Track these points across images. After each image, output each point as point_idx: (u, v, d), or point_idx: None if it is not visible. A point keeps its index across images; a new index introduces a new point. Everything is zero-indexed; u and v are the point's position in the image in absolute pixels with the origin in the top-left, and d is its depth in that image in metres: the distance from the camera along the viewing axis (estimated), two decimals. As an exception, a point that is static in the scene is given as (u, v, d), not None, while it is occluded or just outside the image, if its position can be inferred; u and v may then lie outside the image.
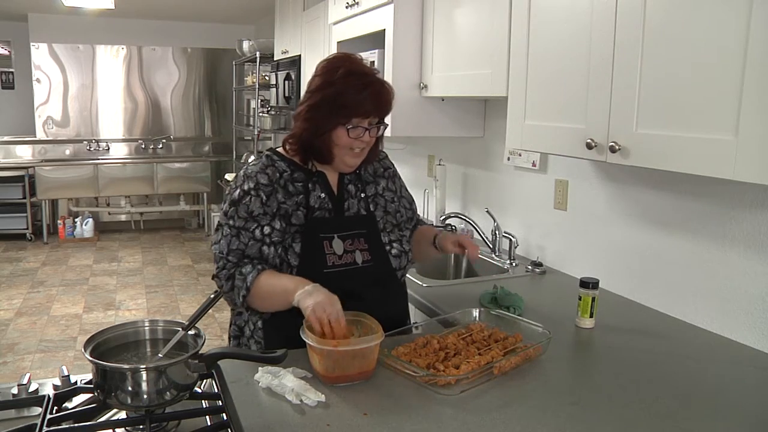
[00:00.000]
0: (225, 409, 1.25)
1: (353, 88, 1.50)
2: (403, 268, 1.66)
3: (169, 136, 7.45)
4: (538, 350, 1.50)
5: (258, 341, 1.61)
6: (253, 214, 1.52)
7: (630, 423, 1.23)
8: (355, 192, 1.65)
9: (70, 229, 6.76)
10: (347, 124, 1.51)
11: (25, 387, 1.34)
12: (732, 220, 1.70)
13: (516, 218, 2.63)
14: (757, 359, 1.58)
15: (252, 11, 6.33)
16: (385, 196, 1.70)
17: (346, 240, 1.58)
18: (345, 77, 1.50)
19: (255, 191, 1.53)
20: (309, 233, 1.54)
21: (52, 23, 6.73)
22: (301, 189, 1.57)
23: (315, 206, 1.57)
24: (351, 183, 1.65)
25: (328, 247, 1.55)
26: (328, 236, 1.56)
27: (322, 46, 4.01)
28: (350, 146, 1.54)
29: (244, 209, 1.52)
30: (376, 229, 1.63)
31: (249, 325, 1.63)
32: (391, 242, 1.64)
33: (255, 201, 1.52)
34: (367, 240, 1.60)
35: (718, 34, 1.28)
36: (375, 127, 1.56)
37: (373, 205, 1.66)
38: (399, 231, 1.69)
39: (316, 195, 1.58)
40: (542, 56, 1.82)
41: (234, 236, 1.52)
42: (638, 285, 2.01)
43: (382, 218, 1.66)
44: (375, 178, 1.71)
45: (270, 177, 1.55)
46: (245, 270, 1.49)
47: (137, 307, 4.76)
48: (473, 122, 2.77)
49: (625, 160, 1.53)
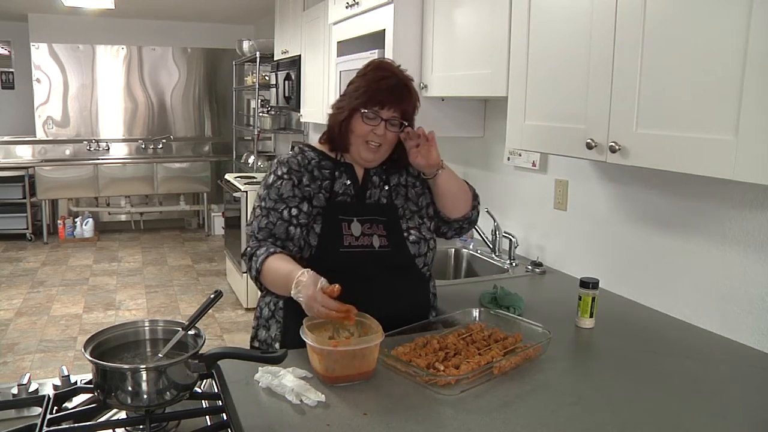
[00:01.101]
0: (225, 409, 1.25)
1: (374, 78, 1.61)
2: (423, 255, 1.68)
3: (169, 136, 7.45)
4: (538, 350, 1.50)
5: (279, 320, 1.68)
6: (283, 197, 1.62)
7: (630, 423, 1.23)
8: (379, 182, 1.70)
9: (70, 229, 6.76)
10: (362, 109, 1.58)
11: (25, 387, 1.33)
12: (732, 220, 1.70)
13: (516, 218, 2.63)
14: (757, 359, 1.58)
15: (252, 11, 6.33)
16: (407, 184, 1.74)
17: (365, 224, 1.63)
18: (372, 70, 1.64)
19: (288, 175, 1.64)
20: (329, 215, 1.62)
21: (52, 23, 6.73)
22: (328, 175, 1.66)
23: (339, 191, 1.66)
24: (376, 175, 1.71)
25: (347, 229, 1.62)
26: (348, 219, 1.63)
27: (322, 46, 4.01)
28: (366, 137, 1.61)
29: (275, 192, 1.63)
30: (396, 217, 1.68)
31: (270, 306, 1.71)
32: (409, 229, 1.68)
33: (286, 184, 1.63)
34: (386, 227, 1.65)
35: (719, 33, 1.28)
36: (394, 123, 1.61)
37: (395, 194, 1.71)
38: (419, 218, 1.72)
39: (342, 182, 1.67)
40: (542, 56, 1.82)
41: (264, 216, 1.62)
42: (638, 285, 2.01)
43: (403, 206, 1.71)
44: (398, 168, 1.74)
45: (299, 162, 1.66)
46: (260, 251, 1.56)
47: (137, 307, 4.76)
48: (473, 122, 2.77)
49: (625, 160, 1.53)
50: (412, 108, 1.64)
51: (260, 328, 1.73)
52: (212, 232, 7.12)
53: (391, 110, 1.60)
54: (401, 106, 1.61)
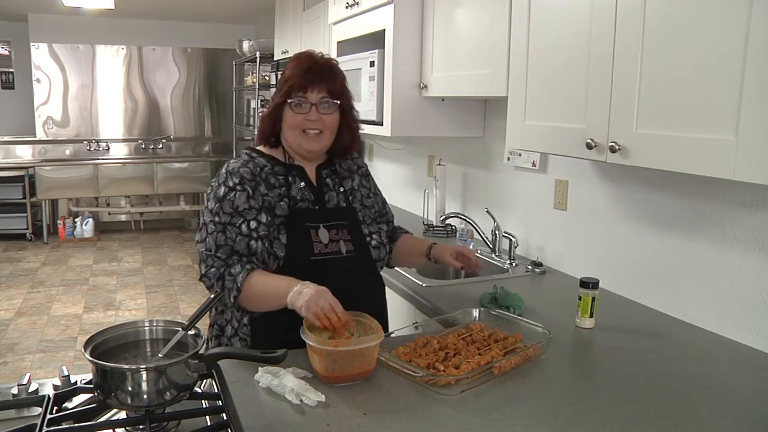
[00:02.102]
0: (225, 409, 1.25)
1: (293, 67, 1.59)
2: (381, 259, 1.70)
3: (169, 136, 7.45)
4: (538, 350, 1.50)
5: (243, 338, 1.60)
6: (239, 209, 1.53)
7: (630, 423, 1.23)
8: (333, 185, 1.68)
9: (70, 229, 6.76)
10: (288, 99, 1.56)
11: (25, 387, 1.34)
12: (732, 220, 1.70)
13: (516, 218, 2.63)
14: (757, 359, 1.58)
15: (252, 11, 6.33)
16: (361, 191, 1.74)
17: (331, 230, 1.61)
18: (291, 62, 1.61)
19: (240, 185, 1.55)
20: (294, 223, 1.57)
21: (52, 23, 6.73)
22: (283, 181, 1.61)
23: (297, 197, 1.61)
24: (328, 177, 1.69)
25: (315, 236, 1.58)
26: (314, 225, 1.59)
27: (322, 46, 4.01)
28: (301, 126, 1.58)
29: (229, 205, 1.53)
30: (357, 220, 1.67)
31: (232, 323, 1.62)
32: (370, 234, 1.68)
33: (240, 195, 1.54)
34: (350, 231, 1.64)
35: (719, 33, 1.28)
36: (325, 104, 1.58)
37: (351, 198, 1.70)
38: (377, 224, 1.73)
39: (297, 186, 1.62)
40: (542, 56, 1.82)
41: (220, 232, 1.52)
42: (638, 285, 2.01)
43: (361, 211, 1.70)
44: (350, 173, 1.75)
45: (252, 171, 1.58)
46: (234, 270, 1.49)
47: (137, 307, 4.76)
48: (473, 122, 2.77)
49: (625, 160, 1.53)
50: (339, 85, 1.60)
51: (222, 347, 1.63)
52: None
53: (316, 91, 1.56)
54: (325, 84, 1.57)
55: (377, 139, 3.96)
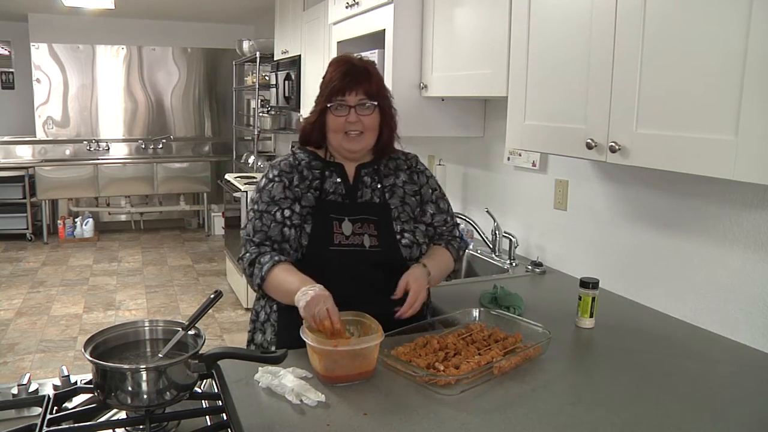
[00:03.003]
0: (225, 409, 1.25)
1: (331, 72, 1.64)
2: (414, 259, 1.67)
3: (169, 136, 7.45)
4: (538, 350, 1.50)
5: (273, 324, 1.69)
6: (275, 198, 1.64)
7: (630, 423, 1.23)
8: (371, 182, 1.70)
9: (70, 229, 6.76)
10: (328, 104, 1.61)
11: (25, 387, 1.33)
12: (732, 220, 1.70)
13: (516, 218, 2.63)
14: (757, 359, 1.58)
15: (252, 11, 6.33)
16: (404, 188, 1.73)
17: (356, 223, 1.64)
18: (329, 68, 1.67)
19: (279, 177, 1.66)
20: (319, 214, 1.63)
21: (52, 23, 6.73)
22: (318, 175, 1.68)
23: (329, 190, 1.67)
24: (368, 175, 1.71)
25: (337, 227, 1.62)
26: (339, 218, 1.63)
27: (322, 46, 4.01)
28: (342, 129, 1.62)
29: (267, 194, 1.65)
30: (389, 217, 1.67)
31: (265, 309, 1.72)
32: (403, 231, 1.67)
33: (277, 186, 1.65)
34: (378, 226, 1.65)
35: (719, 33, 1.28)
36: (364, 105, 1.61)
37: (389, 194, 1.70)
38: (414, 223, 1.71)
39: (332, 180, 1.68)
40: (542, 56, 1.82)
41: (257, 219, 1.63)
42: (638, 285, 2.01)
43: (398, 207, 1.70)
44: (395, 171, 1.75)
45: (291, 164, 1.69)
46: (264, 259, 1.57)
47: (137, 307, 4.76)
48: (473, 122, 2.77)
49: (625, 160, 1.53)
50: (376, 86, 1.64)
51: (256, 332, 1.73)
52: (212, 232, 7.12)
53: (354, 94, 1.61)
54: (362, 87, 1.61)
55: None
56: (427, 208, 1.76)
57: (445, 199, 1.82)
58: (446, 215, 1.80)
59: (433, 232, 1.77)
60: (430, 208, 1.76)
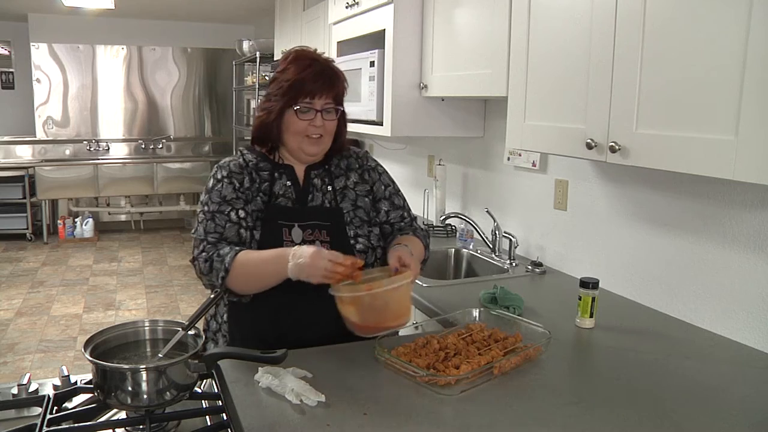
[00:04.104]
0: (225, 409, 1.25)
1: (296, 70, 1.54)
2: (369, 265, 1.59)
3: (169, 136, 7.45)
4: (538, 350, 1.50)
5: (224, 334, 1.62)
6: (226, 198, 1.55)
7: (630, 423, 1.23)
8: (321, 185, 1.64)
9: (70, 229, 6.76)
10: (294, 105, 1.53)
11: (25, 387, 1.34)
12: (732, 220, 1.70)
13: (516, 218, 2.63)
14: (757, 359, 1.58)
15: (252, 11, 6.33)
16: (356, 190, 1.66)
17: (306, 230, 1.57)
18: (292, 62, 1.57)
19: (228, 178, 1.57)
20: (268, 219, 1.56)
21: (52, 23, 6.73)
22: (267, 177, 1.61)
23: (279, 193, 1.59)
24: (318, 177, 1.64)
25: (287, 235, 1.55)
26: (288, 224, 1.56)
27: (322, 46, 4.00)
28: (305, 132, 1.55)
29: (216, 195, 1.56)
30: (341, 222, 1.61)
31: (216, 319, 1.65)
32: (357, 236, 1.61)
33: (227, 186, 1.56)
34: (330, 232, 1.58)
35: (719, 33, 1.28)
36: (329, 110, 1.56)
37: (341, 197, 1.64)
38: (368, 226, 1.64)
39: (282, 183, 1.61)
40: (542, 56, 1.82)
41: (209, 220, 1.54)
42: (638, 285, 2.01)
43: (350, 212, 1.63)
44: (346, 171, 1.68)
45: (240, 164, 1.60)
46: (223, 251, 1.48)
47: (137, 307, 4.76)
48: (473, 122, 2.77)
49: (625, 160, 1.53)
50: (341, 90, 1.59)
51: (208, 342, 1.66)
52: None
53: (323, 98, 1.54)
54: (333, 92, 1.56)
55: (377, 139, 3.96)
56: (381, 206, 1.69)
57: (400, 195, 1.75)
58: (402, 210, 1.73)
59: (390, 230, 1.69)
60: (384, 205, 1.69)
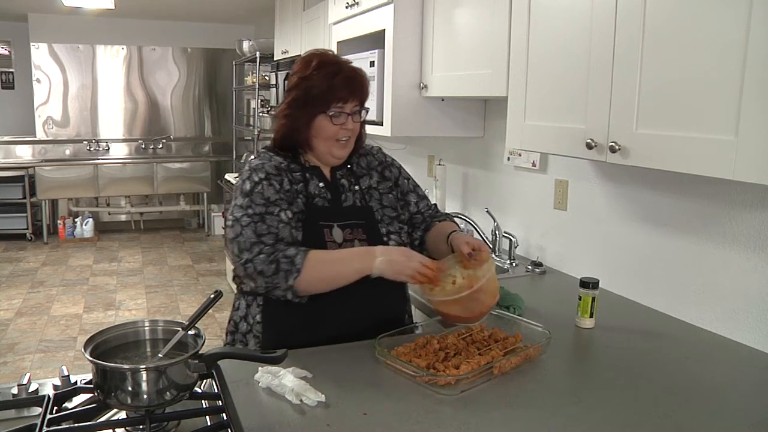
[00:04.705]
0: (225, 409, 1.25)
1: (326, 76, 1.54)
2: None
3: (169, 136, 7.45)
4: (538, 350, 1.50)
5: (256, 335, 1.60)
6: (271, 200, 1.51)
7: (630, 423, 1.23)
8: (349, 185, 1.66)
9: (70, 229, 6.76)
10: (328, 111, 1.54)
11: (25, 387, 1.33)
12: (732, 220, 1.70)
13: (516, 218, 2.63)
14: (757, 359, 1.58)
15: (252, 11, 6.33)
16: (379, 188, 1.70)
17: (345, 229, 1.59)
18: (317, 68, 1.55)
19: (267, 180, 1.54)
20: (309, 221, 1.56)
21: (52, 23, 6.73)
22: (299, 178, 1.60)
23: (315, 193, 1.60)
24: (344, 177, 1.67)
25: (329, 235, 1.56)
26: (328, 224, 1.57)
27: (322, 46, 3.99)
28: (336, 136, 1.57)
29: (259, 197, 1.51)
30: (374, 220, 1.64)
31: (247, 320, 1.62)
32: (389, 234, 1.64)
33: (268, 188, 1.52)
34: (366, 230, 1.61)
35: (719, 33, 1.28)
36: (357, 113, 1.59)
37: (369, 196, 1.67)
38: (398, 223, 1.68)
39: (314, 184, 1.61)
40: (542, 56, 1.82)
41: (258, 222, 1.48)
42: (638, 285, 2.01)
43: (379, 210, 1.67)
44: (368, 170, 1.72)
45: (275, 166, 1.58)
46: (289, 252, 1.44)
47: (137, 307, 4.76)
48: (473, 122, 2.77)
49: (625, 160, 1.53)
50: (368, 92, 1.62)
51: (236, 343, 1.64)
52: (212, 232, 7.13)
53: (353, 102, 1.57)
54: (361, 96, 1.59)
55: (377, 139, 3.96)
56: (409, 198, 1.75)
57: (418, 185, 1.82)
58: (427, 200, 1.80)
59: (421, 219, 1.75)
60: (412, 197, 1.75)
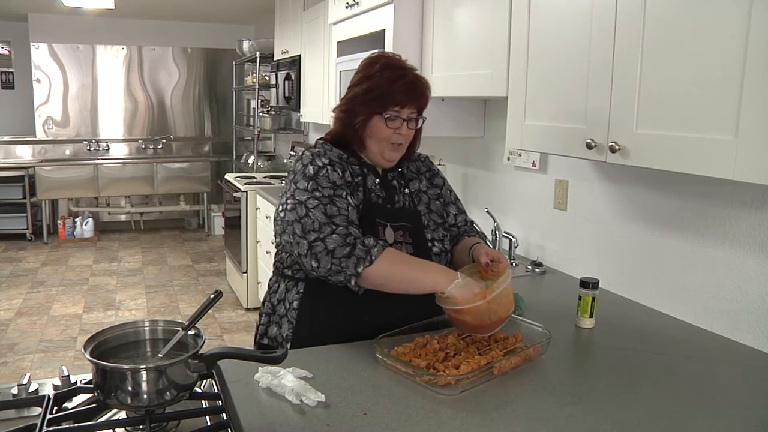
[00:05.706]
0: (225, 409, 1.25)
1: (388, 79, 1.55)
2: None
3: (169, 136, 7.45)
4: (538, 350, 1.50)
5: (291, 321, 1.62)
6: (337, 183, 1.50)
7: (630, 423, 1.23)
8: (399, 188, 1.67)
9: (70, 229, 6.76)
10: (384, 113, 1.54)
11: (25, 387, 1.33)
12: (732, 220, 1.70)
13: (516, 218, 2.63)
14: (757, 359, 1.58)
15: (252, 11, 6.33)
16: (428, 194, 1.72)
17: (396, 231, 1.59)
18: (381, 70, 1.57)
19: (331, 165, 1.53)
20: (366, 217, 1.55)
21: (52, 23, 6.73)
22: (359, 171, 1.61)
23: (371, 188, 1.61)
24: (394, 179, 1.68)
25: (382, 234, 1.56)
26: (382, 223, 1.58)
27: (322, 46, 4.01)
28: (389, 139, 1.57)
29: (325, 180, 1.50)
30: (420, 224, 1.65)
31: (284, 304, 1.63)
32: (433, 240, 1.66)
33: (333, 173, 1.52)
34: (412, 234, 1.62)
35: (719, 33, 1.28)
36: (413, 120, 1.59)
37: (417, 201, 1.69)
38: (443, 230, 1.70)
39: (372, 179, 1.62)
40: (542, 56, 1.82)
41: (328, 204, 1.45)
42: (638, 285, 2.01)
43: (425, 215, 1.68)
44: (417, 175, 1.74)
45: (339, 155, 1.59)
46: (368, 242, 1.43)
47: (137, 307, 4.76)
48: (473, 122, 2.77)
49: (625, 160, 1.53)
50: (427, 101, 1.62)
51: (271, 325, 1.66)
52: (212, 232, 7.13)
53: (410, 107, 1.57)
54: (419, 104, 1.59)
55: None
56: (450, 209, 1.76)
57: (459, 199, 1.84)
58: (465, 215, 1.81)
59: (456, 232, 1.76)
60: (452, 209, 1.77)
